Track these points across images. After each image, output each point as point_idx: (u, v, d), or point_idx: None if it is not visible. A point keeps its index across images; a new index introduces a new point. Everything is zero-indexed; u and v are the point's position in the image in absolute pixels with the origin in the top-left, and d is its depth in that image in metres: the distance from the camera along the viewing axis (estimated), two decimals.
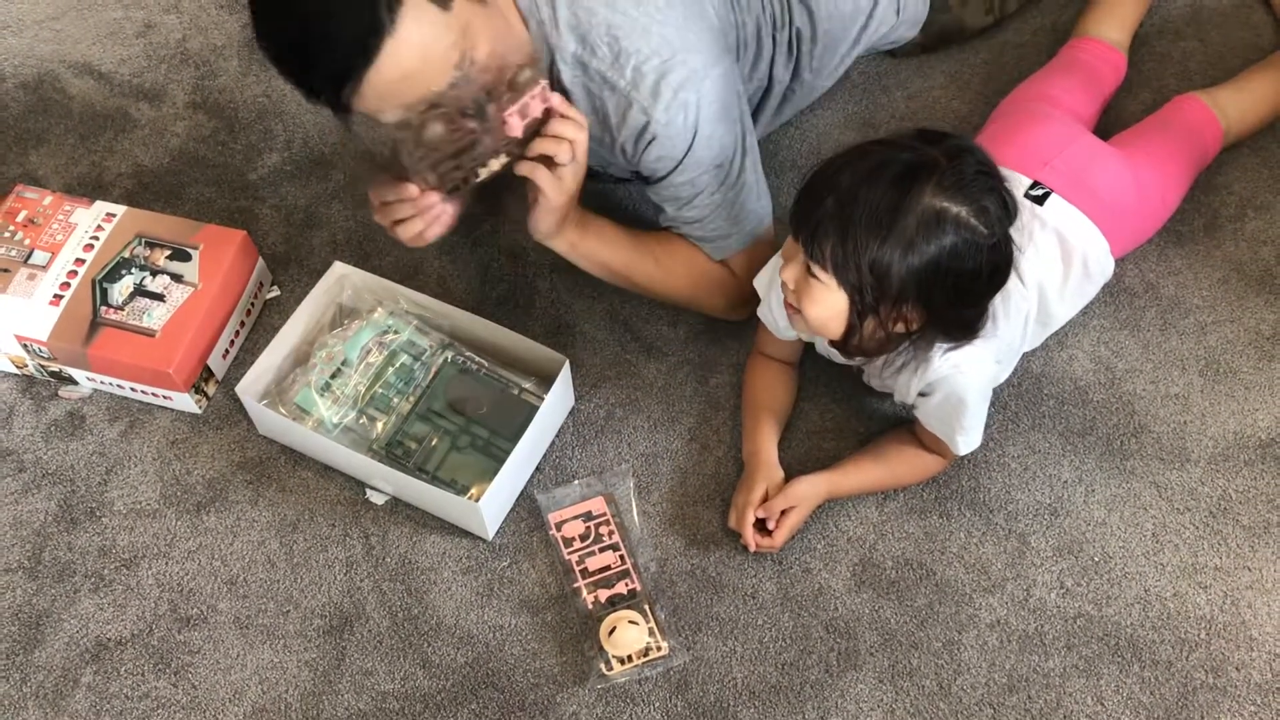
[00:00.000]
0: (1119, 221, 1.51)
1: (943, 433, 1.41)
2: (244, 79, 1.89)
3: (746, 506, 1.42)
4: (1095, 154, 1.53)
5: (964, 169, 1.20)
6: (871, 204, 1.19)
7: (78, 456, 1.56)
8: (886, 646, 1.39)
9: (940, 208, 1.19)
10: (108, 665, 1.42)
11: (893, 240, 1.19)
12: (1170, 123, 1.64)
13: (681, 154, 1.38)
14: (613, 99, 1.35)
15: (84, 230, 1.61)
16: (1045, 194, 1.46)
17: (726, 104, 1.41)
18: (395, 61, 1.18)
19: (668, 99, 1.34)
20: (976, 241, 1.21)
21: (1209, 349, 1.57)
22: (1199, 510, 1.46)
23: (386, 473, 1.46)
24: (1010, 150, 1.50)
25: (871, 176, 1.19)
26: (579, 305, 1.65)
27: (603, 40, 1.32)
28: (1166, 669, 1.37)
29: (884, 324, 1.27)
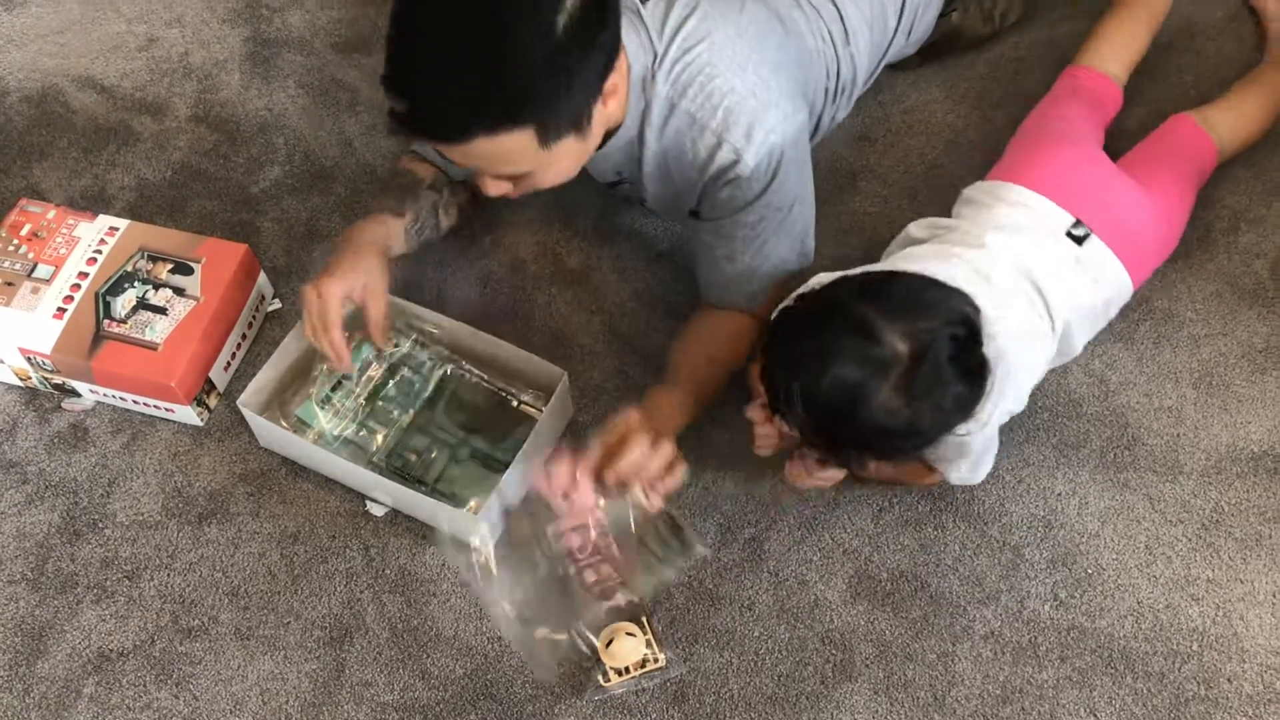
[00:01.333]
0: (1144, 258, 1.54)
1: (941, 467, 1.43)
2: (246, 93, 1.91)
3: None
4: (1129, 194, 1.53)
5: (928, 375, 1.21)
6: (830, 404, 1.22)
7: (80, 469, 1.58)
8: (881, 658, 1.41)
9: (896, 407, 1.21)
10: (110, 676, 1.43)
11: (847, 432, 1.26)
12: (1171, 148, 1.65)
13: (754, 196, 1.40)
14: (701, 139, 1.36)
15: (87, 244, 1.62)
16: (1086, 235, 1.46)
17: (802, 151, 1.44)
18: (480, 152, 1.22)
19: (759, 141, 1.35)
20: (934, 426, 1.26)
21: (1202, 362, 1.58)
22: (1192, 522, 1.47)
23: (386, 485, 1.47)
24: (1043, 174, 1.51)
25: (833, 370, 1.21)
26: (578, 319, 1.67)
27: (696, 80, 1.34)
28: (1159, 680, 1.38)
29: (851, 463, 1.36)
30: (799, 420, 1.26)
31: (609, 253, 1.72)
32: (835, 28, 1.56)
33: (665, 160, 1.41)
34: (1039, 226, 1.46)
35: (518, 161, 1.25)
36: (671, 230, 1.73)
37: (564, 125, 1.24)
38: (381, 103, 1.84)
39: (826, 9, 1.55)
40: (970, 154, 1.78)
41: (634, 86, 1.34)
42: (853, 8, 1.58)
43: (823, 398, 1.22)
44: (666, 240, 1.73)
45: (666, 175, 1.43)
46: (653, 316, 1.67)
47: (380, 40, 1.90)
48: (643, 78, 1.34)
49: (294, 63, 1.93)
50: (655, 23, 1.35)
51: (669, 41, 1.35)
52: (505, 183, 1.32)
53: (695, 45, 1.35)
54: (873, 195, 1.76)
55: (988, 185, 1.55)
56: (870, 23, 1.61)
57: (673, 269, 1.70)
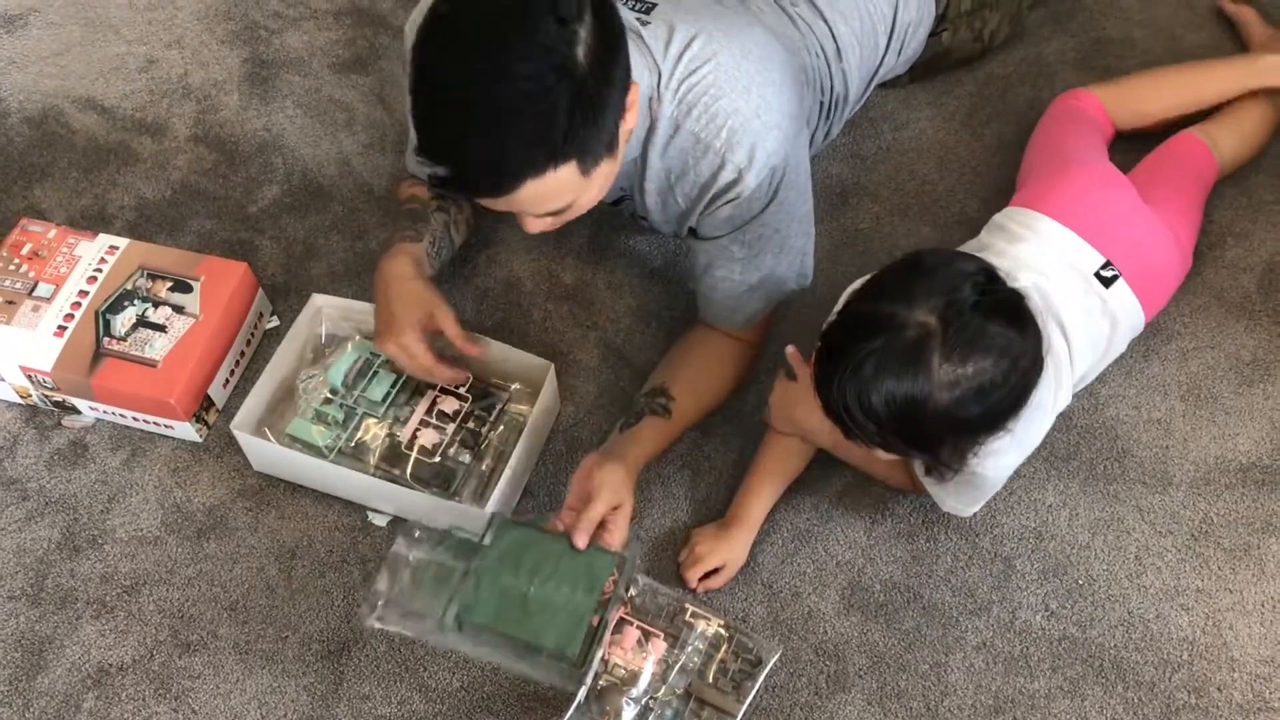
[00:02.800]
0: (1163, 295, 1.57)
1: (938, 495, 1.44)
2: (244, 113, 1.93)
3: (698, 562, 1.46)
4: (1154, 234, 1.52)
5: (962, 329, 1.19)
6: (892, 403, 1.19)
7: (80, 485, 1.59)
8: (875, 669, 1.42)
9: (955, 376, 1.19)
10: (109, 691, 1.44)
11: (927, 419, 1.21)
12: (1182, 170, 1.66)
13: (753, 215, 1.41)
14: (704, 159, 1.38)
15: (87, 263, 1.64)
16: (1114, 277, 1.46)
17: (802, 173, 1.46)
18: (526, 196, 1.22)
19: (761, 162, 1.37)
20: (1000, 372, 1.20)
21: (1190, 375, 1.60)
22: (1181, 533, 1.49)
23: (387, 491, 1.48)
24: (1077, 206, 1.49)
25: (880, 372, 1.19)
26: (573, 334, 1.68)
27: (701, 100, 1.36)
28: (1149, 690, 1.39)
29: (955, 456, 1.30)
30: (879, 438, 1.25)
31: (604, 269, 1.74)
32: (827, 44, 1.59)
33: (668, 179, 1.42)
34: (1069, 269, 1.45)
35: (563, 196, 1.26)
36: (665, 246, 1.75)
37: (601, 151, 1.25)
38: (379, 121, 1.91)
39: (818, 25, 1.58)
40: (961, 170, 1.80)
41: (640, 105, 1.36)
42: (843, 25, 1.60)
43: (884, 409, 1.20)
44: (660, 257, 1.75)
45: (668, 193, 1.44)
46: (648, 332, 1.68)
47: (377, 61, 1.96)
48: (648, 97, 1.36)
49: (292, 83, 1.96)
50: (658, 44, 1.37)
51: (675, 62, 1.36)
52: (547, 219, 1.32)
53: (701, 66, 1.36)
54: (864, 212, 1.78)
55: (1020, 213, 1.51)
56: (860, 40, 1.63)
57: (667, 285, 1.72)
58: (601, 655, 1.34)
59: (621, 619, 1.40)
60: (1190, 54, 1.87)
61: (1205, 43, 1.89)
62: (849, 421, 1.23)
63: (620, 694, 1.36)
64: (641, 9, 1.40)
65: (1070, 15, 1.95)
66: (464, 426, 1.54)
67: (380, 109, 1.92)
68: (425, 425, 1.53)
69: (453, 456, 1.52)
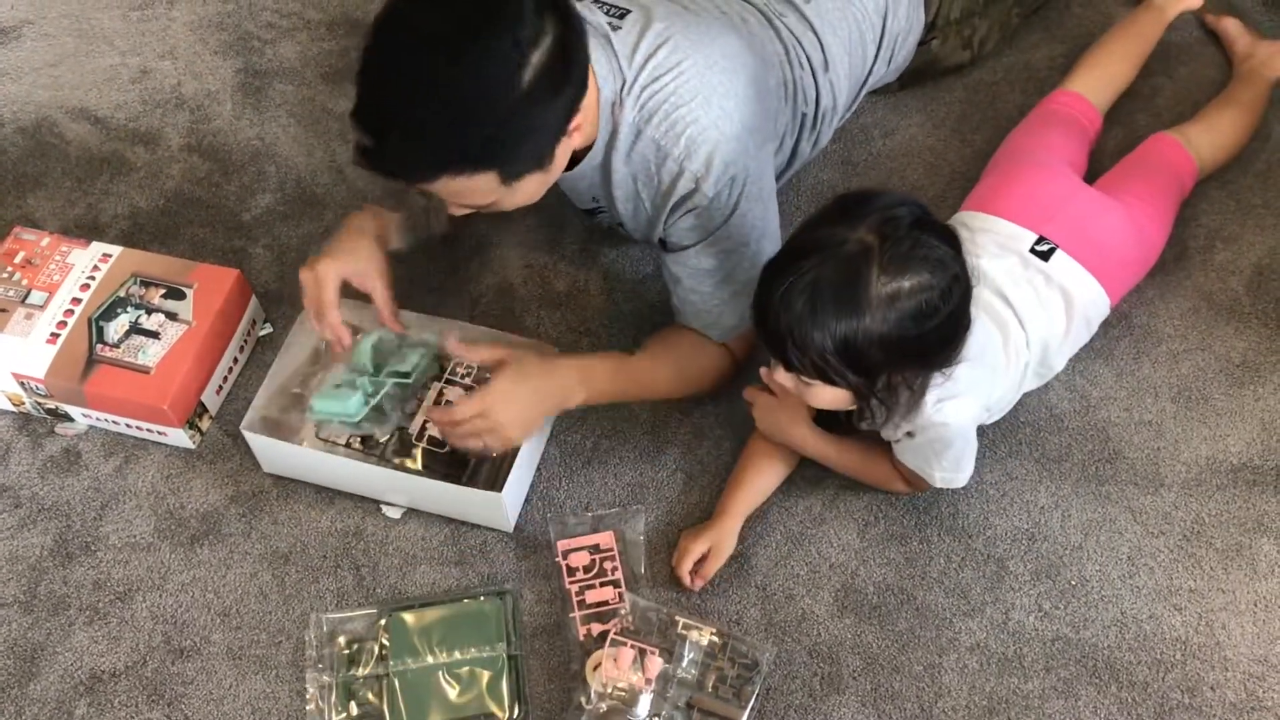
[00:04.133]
0: (1120, 271, 1.57)
1: (919, 468, 1.44)
2: (237, 122, 1.94)
3: (685, 553, 1.46)
4: (1096, 206, 1.57)
5: (899, 243, 1.20)
6: (829, 314, 1.20)
7: (73, 492, 1.59)
8: (869, 670, 1.42)
9: (892, 291, 1.19)
10: (102, 697, 1.44)
11: (862, 337, 1.20)
12: (1151, 165, 1.69)
13: (715, 227, 1.42)
14: (664, 166, 1.39)
15: (81, 270, 1.64)
16: (1050, 250, 1.49)
17: (765, 186, 1.47)
18: (442, 189, 1.26)
19: (718, 173, 1.37)
20: (935, 294, 1.21)
21: (1181, 377, 1.61)
22: (1173, 534, 1.49)
23: (401, 482, 1.49)
24: (1011, 203, 1.55)
25: (818, 287, 1.20)
26: (566, 341, 1.69)
27: (661, 108, 1.37)
28: (1143, 690, 1.39)
29: (887, 392, 1.29)
30: (821, 364, 1.23)
31: (595, 275, 1.75)
32: (815, 55, 1.60)
33: (634, 184, 1.43)
34: (1003, 250, 1.49)
35: (480, 198, 1.29)
36: (656, 254, 1.75)
37: (527, 165, 1.28)
38: None
39: (807, 37, 1.59)
40: (950, 176, 1.81)
41: (602, 109, 1.37)
42: (831, 36, 1.61)
43: (824, 328, 1.20)
44: (652, 263, 1.75)
45: (636, 200, 1.45)
46: (640, 337, 1.67)
47: None
48: (611, 102, 1.37)
49: (285, 93, 1.96)
50: (625, 49, 1.38)
51: (639, 69, 1.38)
52: (468, 209, 1.35)
53: (664, 75, 1.38)
54: None
55: (961, 216, 1.59)
56: (849, 50, 1.64)
57: (659, 290, 1.72)
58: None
59: (615, 639, 1.40)
60: (1176, 56, 1.89)
61: (1190, 43, 1.91)
62: (790, 348, 1.23)
63: (622, 715, 1.36)
64: (615, 13, 1.41)
65: (1059, 22, 1.96)
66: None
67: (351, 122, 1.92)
68: None
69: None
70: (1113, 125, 1.82)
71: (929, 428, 1.36)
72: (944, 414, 1.34)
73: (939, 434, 1.37)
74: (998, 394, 1.46)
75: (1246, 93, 1.79)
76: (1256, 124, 1.78)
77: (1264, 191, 1.76)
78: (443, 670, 1.42)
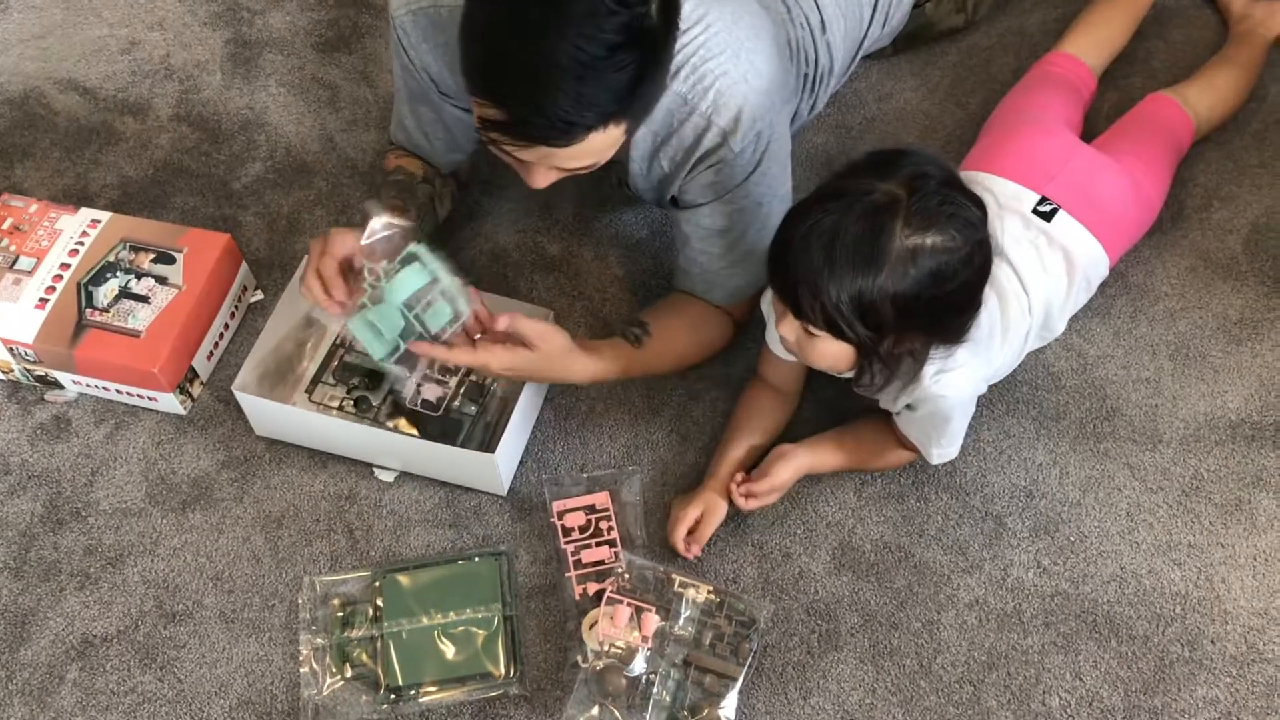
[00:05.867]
0: (1119, 230, 1.55)
1: (920, 442, 1.43)
2: (227, 92, 1.92)
3: (678, 521, 1.44)
4: (1096, 165, 1.55)
5: (927, 198, 1.18)
6: (847, 262, 1.17)
7: (64, 459, 1.57)
8: (867, 627, 1.41)
9: (914, 246, 1.17)
10: (93, 661, 1.42)
11: (878, 290, 1.18)
12: (1148, 124, 1.68)
13: (736, 184, 1.40)
14: (689, 121, 1.36)
15: (69, 236, 1.63)
16: (1053, 210, 1.48)
17: (785, 146, 1.45)
18: (572, 151, 1.21)
19: (746, 127, 1.35)
20: (957, 258, 1.19)
21: (1178, 334, 1.60)
22: (1172, 489, 1.48)
23: (395, 444, 1.48)
24: (1011, 161, 1.53)
25: (839, 232, 1.17)
26: (560, 304, 1.67)
27: (689, 61, 1.34)
28: (1143, 644, 1.38)
29: (890, 357, 1.27)
30: (832, 313, 1.20)
31: (590, 240, 1.74)
32: (813, 15, 1.58)
33: (654, 142, 1.41)
34: (1006, 211, 1.48)
35: (601, 153, 1.24)
36: (651, 217, 1.75)
37: (650, 111, 1.25)
38: (363, 99, 1.90)
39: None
40: (946, 140, 1.80)
41: None
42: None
43: (841, 276, 1.17)
44: (646, 227, 1.74)
45: (653, 159, 1.43)
46: (634, 301, 1.68)
47: (360, 40, 1.96)
48: None
49: (275, 62, 1.95)
50: None
51: None
52: (553, 175, 1.30)
53: (691, 27, 1.34)
54: None
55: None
56: (845, 12, 1.63)
57: (654, 254, 1.71)
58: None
59: (611, 597, 1.39)
60: (1170, 18, 1.88)
61: (1184, 6, 1.90)
62: (802, 294, 1.20)
63: (619, 673, 1.35)
64: None
65: None
66: (467, 379, 1.54)
67: (364, 87, 1.91)
68: (427, 380, 1.53)
69: (458, 409, 1.52)
70: (1107, 88, 1.81)
71: (928, 400, 1.34)
72: (942, 386, 1.32)
73: (938, 407, 1.36)
74: (998, 364, 1.45)
75: (1243, 53, 1.78)
76: (1253, 84, 1.77)
77: (1260, 151, 1.75)
78: (438, 631, 1.40)
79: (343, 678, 1.39)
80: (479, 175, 1.75)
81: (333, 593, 1.45)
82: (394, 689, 1.38)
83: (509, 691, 1.38)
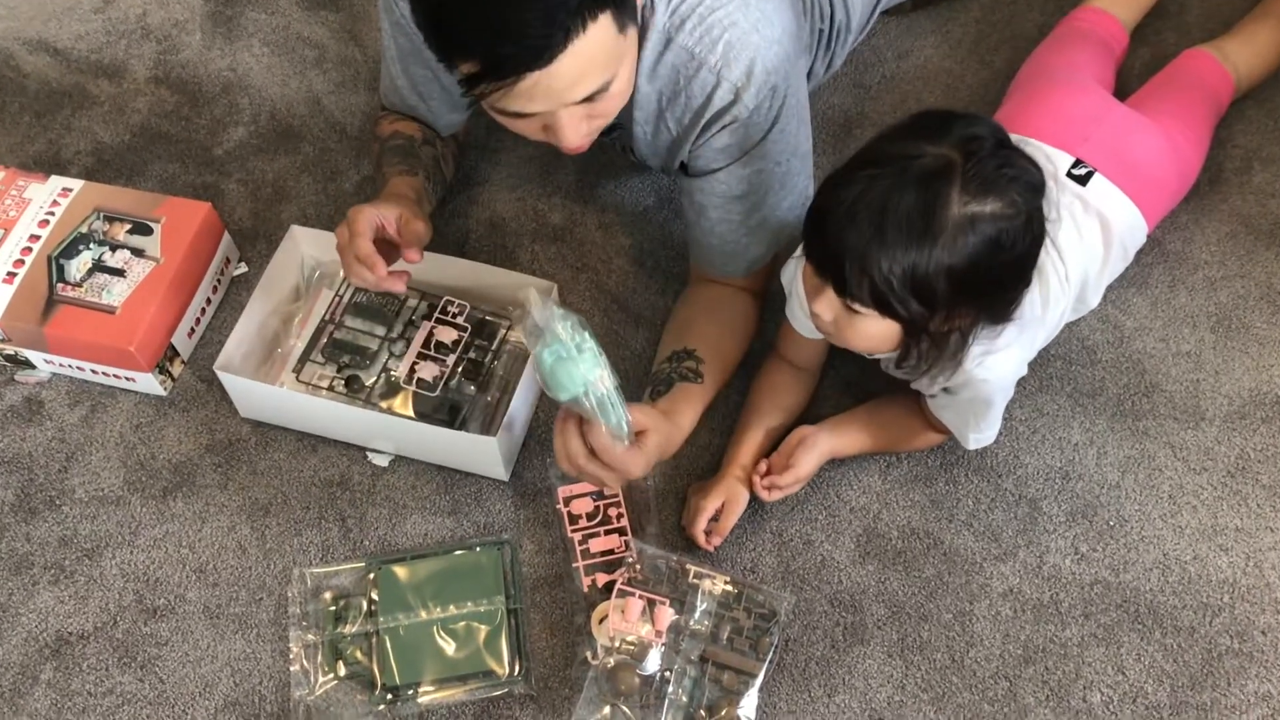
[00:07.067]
0: (1157, 194, 1.46)
1: (956, 427, 1.34)
2: (207, 53, 1.82)
3: (698, 512, 1.35)
4: (1132, 126, 1.46)
5: (983, 163, 1.08)
6: (900, 233, 1.07)
7: (36, 443, 1.48)
8: (894, 619, 1.33)
9: (971, 214, 1.07)
10: (69, 660, 1.33)
11: (933, 263, 1.08)
12: (1186, 81, 1.59)
13: (752, 145, 1.30)
14: (697, 77, 1.26)
15: (39, 206, 1.53)
16: (1089, 173, 1.39)
17: (803, 100, 1.35)
18: (567, 68, 1.10)
19: (760, 81, 1.25)
20: (1017, 225, 1.10)
21: (1220, 305, 1.51)
22: (1217, 470, 1.40)
23: (389, 427, 1.40)
24: (1043, 122, 1.44)
25: (889, 201, 1.07)
26: (562, 276, 1.58)
27: (696, 11, 1.24)
28: (1189, 635, 1.30)
29: (938, 336, 1.17)
30: (882, 283, 1.09)
31: (594, 208, 1.64)
32: None
33: (658, 102, 1.31)
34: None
35: (602, 63, 1.13)
36: (659, 183, 1.65)
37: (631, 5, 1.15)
38: (351, 58, 1.80)
39: None
40: (970, 99, 1.71)
41: None
42: None
43: (891, 248, 1.07)
44: (654, 194, 1.64)
45: (660, 121, 1.33)
46: (641, 273, 1.58)
47: None
48: (640, 6, 1.25)
49: (258, 21, 1.84)
50: None
51: None
52: (583, 121, 1.20)
53: None
54: None
55: None
56: None
57: (661, 223, 1.62)
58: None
59: (622, 589, 1.31)
60: None
61: None
62: (849, 270, 1.10)
63: (631, 670, 1.27)
64: None
65: None
66: (465, 358, 1.45)
67: (352, 46, 1.81)
68: (423, 358, 1.44)
69: (455, 389, 1.44)
70: (1139, 44, 1.71)
71: (969, 384, 1.25)
72: (986, 368, 1.23)
73: (979, 391, 1.26)
74: (1040, 343, 1.36)
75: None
76: None
77: None
78: (437, 626, 1.32)
79: (336, 677, 1.30)
80: (475, 139, 1.66)
81: (324, 585, 1.36)
82: (390, 688, 1.29)
83: (513, 690, 1.29)
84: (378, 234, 1.30)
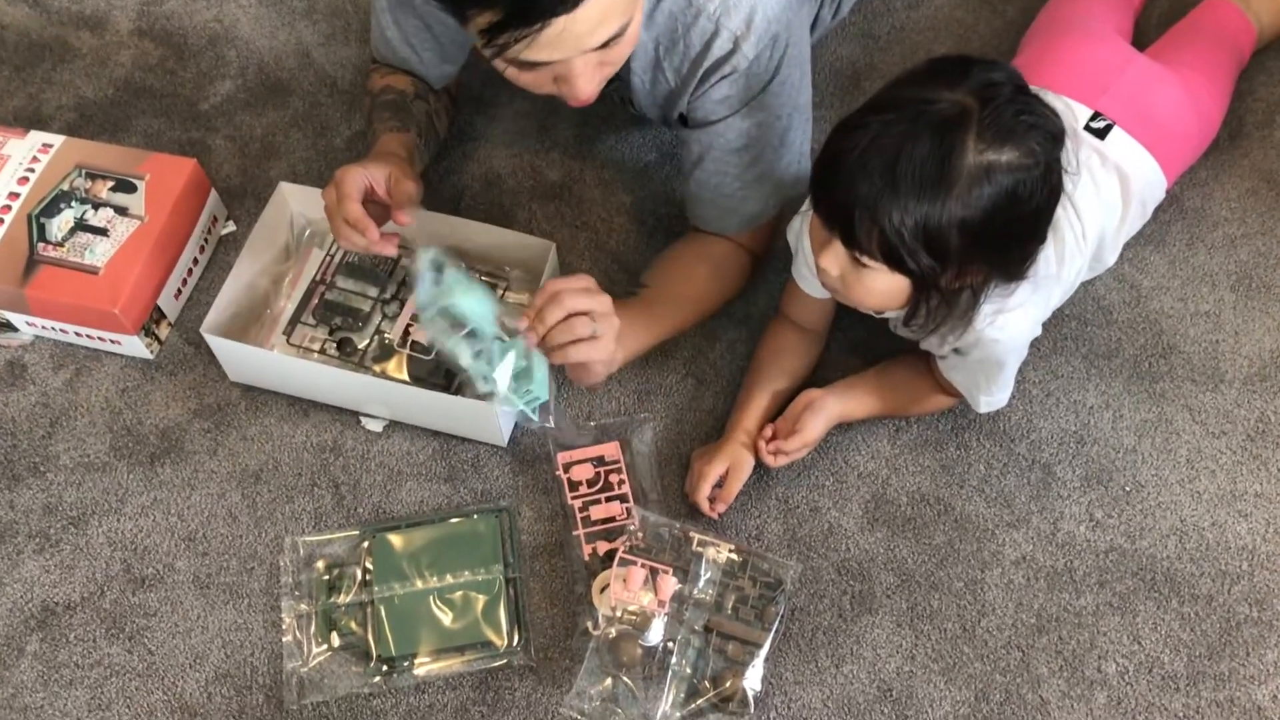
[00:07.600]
0: (1178, 148, 1.41)
1: (967, 389, 1.30)
2: (193, 4, 1.75)
3: (702, 478, 1.31)
4: (1152, 77, 1.41)
5: (1001, 110, 1.04)
6: (913, 182, 1.02)
7: (19, 409, 1.44)
8: (904, 588, 1.29)
9: (988, 163, 1.03)
10: (55, 631, 1.30)
11: (946, 213, 1.03)
12: (1207, 31, 1.54)
13: (752, 96, 1.25)
14: (695, 26, 1.22)
15: (18, 162, 1.48)
16: (1107, 126, 1.33)
17: (805, 49, 1.30)
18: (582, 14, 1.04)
19: (760, 30, 1.20)
20: (1034, 175, 1.06)
21: (1240, 263, 1.47)
22: (1236, 434, 1.36)
23: (382, 391, 1.36)
24: (1062, 73, 1.39)
25: (902, 149, 1.03)
26: (561, 234, 1.53)
27: None
28: (1207, 603, 1.27)
29: (949, 292, 1.13)
30: (893, 234, 1.05)
31: (593, 165, 1.59)
32: None
33: (656, 51, 1.26)
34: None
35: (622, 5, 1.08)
36: (660, 139, 1.60)
37: None
38: (341, 9, 1.73)
39: None
40: (982, 49, 1.65)
41: None
42: None
43: (903, 196, 1.03)
44: (655, 150, 1.59)
45: (657, 71, 1.28)
46: (642, 231, 1.53)
47: None
48: None
49: None
50: None
51: None
52: (596, 70, 1.14)
53: None
54: None
55: None
56: None
57: (663, 179, 1.57)
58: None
59: (623, 557, 1.27)
60: None
61: None
62: (859, 221, 1.05)
63: (634, 641, 1.23)
64: None
65: None
66: None
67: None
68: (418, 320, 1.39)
69: None
70: None
71: (981, 344, 1.21)
72: (998, 328, 1.19)
73: (990, 352, 1.22)
74: (1055, 303, 1.31)
75: None
76: None
77: None
78: (433, 595, 1.28)
79: (330, 648, 1.27)
80: (470, 92, 1.60)
81: (317, 554, 1.32)
82: (386, 659, 1.26)
83: (512, 661, 1.26)
84: (367, 195, 1.25)
